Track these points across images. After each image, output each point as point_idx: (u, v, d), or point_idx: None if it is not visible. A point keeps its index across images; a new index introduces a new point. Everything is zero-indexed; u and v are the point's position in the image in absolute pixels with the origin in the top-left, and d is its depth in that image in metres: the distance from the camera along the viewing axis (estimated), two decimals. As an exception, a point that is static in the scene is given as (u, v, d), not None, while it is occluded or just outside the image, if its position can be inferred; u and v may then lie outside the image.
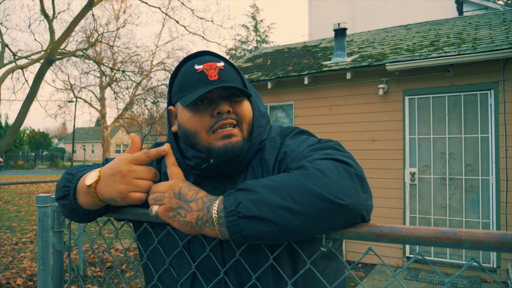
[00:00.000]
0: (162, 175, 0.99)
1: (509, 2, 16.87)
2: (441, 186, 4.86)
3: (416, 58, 4.86)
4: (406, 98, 5.04)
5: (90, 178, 0.87)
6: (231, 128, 0.86)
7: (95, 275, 4.54)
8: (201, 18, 8.26)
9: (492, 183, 4.55)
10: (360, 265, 5.20)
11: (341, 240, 0.84)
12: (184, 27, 8.46)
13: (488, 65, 4.56)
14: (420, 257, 0.66)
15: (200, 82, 0.86)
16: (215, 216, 0.71)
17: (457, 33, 5.68)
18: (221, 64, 0.89)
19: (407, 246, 5.00)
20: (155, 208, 0.77)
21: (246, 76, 6.18)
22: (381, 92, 5.09)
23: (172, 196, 0.76)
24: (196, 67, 0.88)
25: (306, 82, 5.58)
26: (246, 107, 0.90)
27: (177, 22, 8.14)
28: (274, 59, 6.99)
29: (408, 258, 4.96)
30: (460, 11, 9.23)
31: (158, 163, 1.04)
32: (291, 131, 0.94)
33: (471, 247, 0.59)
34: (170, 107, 0.97)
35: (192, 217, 0.73)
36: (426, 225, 4.87)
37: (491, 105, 4.58)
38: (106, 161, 1.12)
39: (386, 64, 4.91)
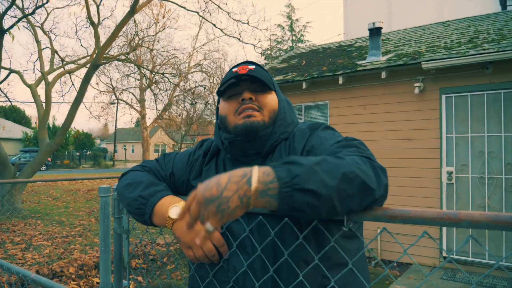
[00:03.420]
0: (204, 172, 1.17)
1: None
2: (479, 185, 4.77)
3: (453, 56, 4.79)
4: (443, 97, 4.98)
5: (174, 212, 1.00)
6: (253, 111, 1.06)
7: (138, 267, 4.84)
8: (237, 21, 8.49)
9: (534, 183, 4.42)
10: (395, 264, 5.20)
11: (361, 222, 0.98)
12: (221, 30, 8.73)
13: (530, 62, 4.44)
14: (454, 256, 0.77)
15: (232, 77, 1.09)
16: (258, 189, 0.72)
17: (497, 29, 5.52)
18: (252, 66, 1.10)
19: (444, 246, 4.95)
20: (207, 227, 0.76)
21: (281, 77, 6.32)
22: (417, 90, 5.06)
23: (205, 207, 0.74)
24: (233, 69, 1.12)
25: (340, 82, 5.64)
26: (269, 98, 1.11)
27: (214, 25, 8.42)
28: (309, 60, 7.07)
29: (445, 258, 4.91)
30: (503, 5, 8.82)
31: (203, 156, 1.21)
32: (319, 126, 1.10)
33: (468, 226, 0.69)
34: (219, 105, 1.19)
35: (234, 201, 0.73)
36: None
37: (533, 102, 4.45)
38: (164, 157, 1.31)
39: (422, 63, 4.88)
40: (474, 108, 4.81)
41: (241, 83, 1.10)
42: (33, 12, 9.00)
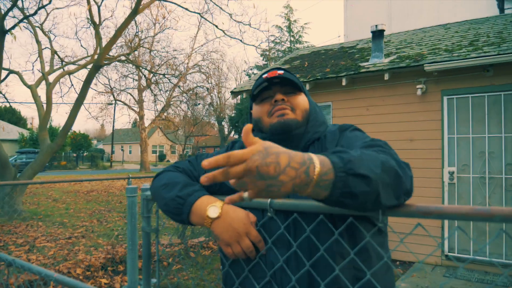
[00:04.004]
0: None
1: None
2: (480, 185, 4.88)
3: (454, 58, 4.90)
4: (445, 98, 5.08)
5: (212, 211, 1.03)
6: (285, 110, 1.13)
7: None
8: (239, 22, 8.58)
9: (534, 182, 4.53)
10: (398, 262, 5.29)
11: (387, 218, 1.04)
12: (223, 31, 8.80)
13: (530, 64, 4.55)
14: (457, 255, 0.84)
15: (264, 81, 1.17)
16: (314, 181, 0.73)
17: (497, 32, 5.64)
18: (281, 71, 1.17)
19: (446, 245, 5.04)
20: (245, 195, 0.76)
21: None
22: (419, 92, 5.16)
23: (254, 180, 0.71)
24: (263, 75, 1.19)
25: (344, 83, 5.73)
26: (300, 99, 1.18)
27: (216, 26, 8.48)
28: (311, 61, 7.15)
29: (447, 256, 5.01)
30: (501, 8, 8.97)
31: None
32: (348, 127, 1.17)
33: (501, 220, 0.73)
34: (251, 111, 1.26)
35: (287, 187, 0.72)
36: (466, 223, 4.90)
37: (533, 104, 4.56)
38: (196, 158, 1.37)
39: (424, 65, 4.98)
40: (475, 110, 4.92)
41: (272, 86, 1.17)
42: (35, 13, 9.02)
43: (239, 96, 7.63)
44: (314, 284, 1.00)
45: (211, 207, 1.05)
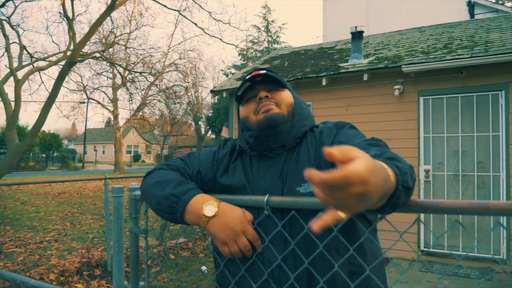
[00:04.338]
0: (231, 169, 1.20)
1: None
2: (454, 182, 5.05)
3: (431, 60, 5.05)
4: (421, 99, 5.23)
5: (209, 210, 1.02)
6: (270, 105, 1.13)
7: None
8: (218, 21, 8.51)
9: (502, 179, 4.73)
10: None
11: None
12: (203, 29, 8.71)
13: (499, 67, 4.75)
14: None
15: (246, 81, 1.16)
16: (393, 185, 0.71)
17: (469, 36, 5.86)
18: (263, 71, 1.17)
19: (421, 240, 5.18)
20: (342, 215, 0.64)
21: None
22: (396, 93, 5.29)
23: (362, 202, 0.60)
24: (247, 76, 1.18)
25: (324, 83, 5.80)
26: (284, 95, 1.18)
27: (196, 24, 8.39)
28: (291, 61, 7.20)
29: (423, 251, 5.16)
30: (471, 13, 9.37)
31: (230, 155, 1.24)
32: (346, 125, 1.18)
33: (496, 213, 0.76)
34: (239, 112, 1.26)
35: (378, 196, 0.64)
36: (439, 220, 5.07)
37: (502, 105, 4.76)
38: (189, 156, 1.35)
39: (402, 66, 5.11)
40: (450, 110, 5.09)
41: (255, 85, 1.18)
42: (3, 5, 8.63)
43: (217, 96, 7.59)
44: (313, 280, 1.01)
45: (207, 206, 1.04)
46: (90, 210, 10.05)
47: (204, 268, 4.86)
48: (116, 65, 12.89)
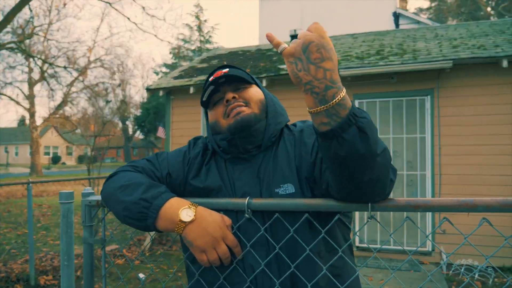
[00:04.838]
0: (204, 171, 1.12)
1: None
2: (386, 181, 5.41)
3: (366, 65, 5.36)
4: (356, 102, 5.53)
5: (186, 215, 0.95)
6: (240, 107, 1.05)
7: (47, 284, 4.34)
8: (152, 16, 8.13)
9: (428, 177, 5.19)
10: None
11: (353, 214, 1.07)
12: (136, 24, 8.29)
13: (426, 74, 5.20)
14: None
15: (209, 84, 1.10)
16: (339, 100, 0.79)
17: (398, 44, 6.33)
18: (226, 70, 1.10)
19: (357, 237, 5.47)
20: (282, 47, 0.82)
21: (203, 77, 6.29)
22: (334, 95, 5.52)
23: (302, 56, 0.80)
24: (209, 78, 1.11)
25: (264, 84, 5.85)
26: (253, 91, 1.11)
27: (128, 19, 7.89)
28: (230, 61, 7.16)
29: (358, 247, 5.44)
30: (396, 23, 10.19)
31: (202, 155, 1.15)
32: None
33: (483, 210, 0.80)
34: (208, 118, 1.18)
35: (316, 84, 0.82)
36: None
37: (427, 109, 5.21)
38: (157, 157, 1.23)
39: (339, 70, 5.34)
40: (382, 113, 5.45)
41: (220, 87, 1.10)
42: None
43: (146, 95, 7.26)
44: (296, 284, 0.99)
45: (184, 210, 0.96)
46: (3, 218, 9.00)
47: (141, 275, 4.60)
48: (34, 57, 11.70)
